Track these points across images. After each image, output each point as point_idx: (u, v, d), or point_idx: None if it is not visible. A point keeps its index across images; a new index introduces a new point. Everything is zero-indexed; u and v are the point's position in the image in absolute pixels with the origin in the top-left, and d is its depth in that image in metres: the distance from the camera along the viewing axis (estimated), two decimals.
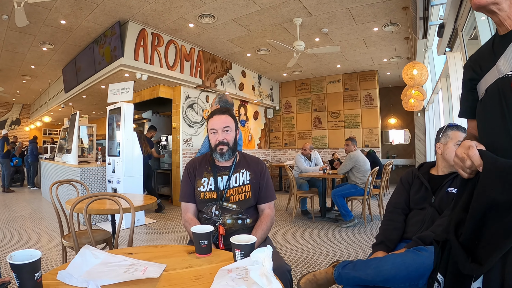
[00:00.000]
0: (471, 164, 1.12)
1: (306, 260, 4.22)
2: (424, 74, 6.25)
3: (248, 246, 1.43)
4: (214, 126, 2.21)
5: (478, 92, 1.31)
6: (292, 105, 12.38)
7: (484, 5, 1.18)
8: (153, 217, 6.94)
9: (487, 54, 1.27)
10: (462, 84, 1.42)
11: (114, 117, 6.62)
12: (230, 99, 4.13)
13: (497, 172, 1.05)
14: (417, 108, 7.92)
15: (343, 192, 6.07)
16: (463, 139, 1.36)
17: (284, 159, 12.50)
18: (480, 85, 1.28)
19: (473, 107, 1.35)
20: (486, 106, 1.24)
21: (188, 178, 2.28)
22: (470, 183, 1.16)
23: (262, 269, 1.23)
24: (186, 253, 1.67)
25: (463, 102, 1.43)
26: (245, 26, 6.94)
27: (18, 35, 7.19)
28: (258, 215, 2.28)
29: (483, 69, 1.26)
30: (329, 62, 9.87)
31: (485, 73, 1.25)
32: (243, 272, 1.28)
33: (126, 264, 1.44)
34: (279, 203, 8.42)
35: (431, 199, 2.25)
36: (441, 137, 2.33)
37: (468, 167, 1.13)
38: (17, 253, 1.20)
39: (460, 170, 1.18)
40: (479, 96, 1.30)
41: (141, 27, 6.82)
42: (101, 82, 7.99)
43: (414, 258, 1.80)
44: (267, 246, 1.34)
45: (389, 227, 2.31)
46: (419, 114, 11.66)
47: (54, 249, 4.65)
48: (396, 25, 6.88)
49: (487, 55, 1.27)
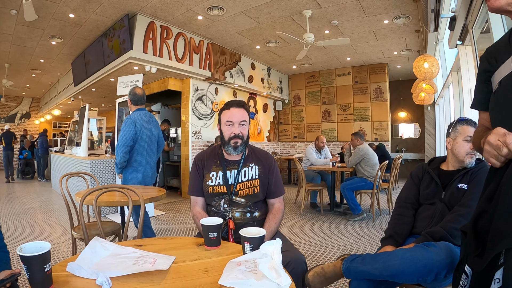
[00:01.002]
0: (507, 152, 1.06)
1: (314, 253, 4.21)
2: (435, 67, 6.17)
3: (258, 239, 1.43)
4: (231, 119, 2.17)
5: (492, 84, 1.30)
6: (302, 97, 12.32)
7: (499, 7, 1.17)
8: (162, 209, 6.98)
9: (503, 46, 1.25)
10: (477, 75, 1.41)
11: (123, 109, 6.64)
12: (140, 90, 4.18)
13: None
14: (427, 102, 7.83)
15: (352, 186, 6.04)
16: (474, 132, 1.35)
17: (293, 151, 12.49)
18: (495, 77, 1.26)
19: (486, 98, 1.33)
20: (499, 98, 1.23)
21: (196, 172, 2.27)
22: (499, 173, 1.13)
23: (271, 262, 1.23)
24: (195, 245, 1.67)
25: (477, 93, 1.42)
26: (254, 18, 6.90)
27: (27, 29, 7.22)
28: (266, 208, 2.27)
29: (498, 61, 1.25)
30: (339, 55, 9.79)
31: (500, 65, 1.23)
32: (252, 265, 1.28)
33: (135, 256, 1.45)
34: (288, 195, 8.42)
35: (441, 195, 2.23)
36: (451, 132, 2.30)
37: (504, 155, 1.08)
38: (27, 245, 1.21)
39: (492, 159, 1.12)
40: (493, 88, 1.28)
41: (149, 19, 6.81)
42: (110, 75, 8.01)
43: (423, 253, 1.78)
44: (276, 239, 1.34)
45: (398, 222, 2.29)
46: (429, 108, 11.53)
47: (64, 240, 4.70)
48: (406, 18, 6.79)
49: (503, 48, 1.25)
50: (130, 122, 3.98)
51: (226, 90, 9.70)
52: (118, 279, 1.24)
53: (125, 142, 3.91)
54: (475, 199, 2.02)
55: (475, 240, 1.15)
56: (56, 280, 1.22)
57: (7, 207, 7.11)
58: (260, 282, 1.14)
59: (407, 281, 1.83)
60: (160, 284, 1.22)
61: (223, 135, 2.21)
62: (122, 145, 3.90)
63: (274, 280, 1.14)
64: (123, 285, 1.21)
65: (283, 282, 1.14)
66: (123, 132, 3.93)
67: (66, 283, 1.22)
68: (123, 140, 3.90)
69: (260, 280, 1.15)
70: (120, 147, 3.89)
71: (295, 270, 1.80)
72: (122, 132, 3.93)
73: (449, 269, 1.73)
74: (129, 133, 3.94)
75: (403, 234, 2.23)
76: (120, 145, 3.90)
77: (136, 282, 1.23)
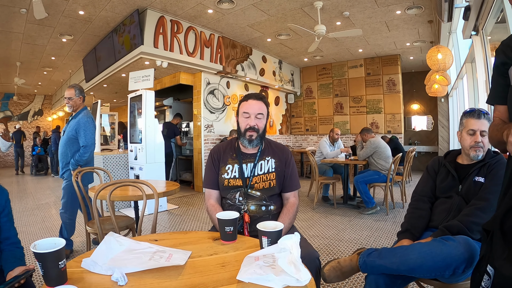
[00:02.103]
0: None
1: (328, 247, 4.19)
2: (448, 58, 6.06)
3: (275, 233, 1.40)
4: (248, 110, 2.17)
5: (510, 77, 1.26)
6: (314, 90, 12.23)
7: None
8: (176, 203, 7.00)
9: None
10: (493, 68, 1.38)
11: (135, 104, 6.66)
12: (80, 86, 4.13)
13: None
14: (440, 93, 7.71)
15: (366, 179, 5.98)
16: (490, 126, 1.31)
17: (305, 144, 12.43)
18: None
19: (504, 92, 1.30)
20: None
21: (212, 165, 2.26)
22: None
23: (289, 256, 1.20)
24: (211, 239, 1.65)
25: (494, 87, 1.38)
26: (265, 11, 6.84)
27: (37, 27, 7.26)
28: (281, 202, 2.25)
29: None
30: (351, 47, 9.68)
31: None
32: (270, 260, 1.25)
33: (151, 251, 1.44)
34: (301, 189, 8.32)
35: (458, 188, 2.20)
36: (460, 125, 2.27)
37: None
38: (41, 241, 1.20)
39: None
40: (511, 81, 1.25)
41: (159, 14, 6.79)
42: (121, 71, 8.03)
43: (441, 248, 1.76)
44: (294, 233, 1.31)
45: (415, 215, 2.26)
46: (443, 100, 11.36)
47: (79, 235, 4.74)
48: (419, 8, 6.67)
49: None
50: (92, 121, 4.00)
51: (237, 84, 9.67)
52: (134, 274, 1.22)
53: (93, 141, 3.95)
54: (492, 192, 2.00)
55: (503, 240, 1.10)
56: (71, 276, 1.21)
57: (21, 203, 7.20)
58: (279, 277, 1.11)
59: (424, 276, 1.81)
60: (176, 280, 1.20)
61: (239, 126, 2.21)
62: (92, 144, 3.94)
63: (294, 275, 1.12)
64: (139, 281, 1.19)
65: (302, 277, 1.12)
66: (90, 130, 3.93)
67: (81, 279, 1.21)
68: (91, 139, 3.92)
69: (279, 275, 1.12)
70: (90, 146, 3.91)
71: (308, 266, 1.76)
72: (89, 131, 3.91)
73: (468, 264, 1.70)
74: (94, 131, 3.99)
75: (420, 227, 2.20)
76: (90, 144, 3.91)
77: (152, 278, 1.21)
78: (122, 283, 1.16)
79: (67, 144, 3.94)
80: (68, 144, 3.94)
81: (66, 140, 3.94)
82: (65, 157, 3.95)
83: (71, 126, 3.93)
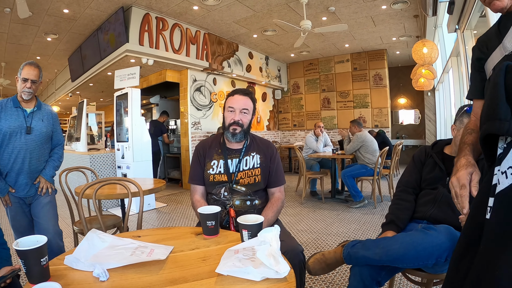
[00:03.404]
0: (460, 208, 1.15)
1: (316, 241, 4.22)
2: (434, 52, 6.13)
3: (256, 226, 1.41)
4: (233, 105, 2.19)
5: (485, 72, 1.31)
6: (301, 85, 12.25)
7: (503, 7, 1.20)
8: (164, 201, 6.99)
9: (494, 34, 1.28)
10: (471, 65, 1.44)
11: (121, 103, 6.62)
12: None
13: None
14: (427, 87, 7.79)
15: (353, 173, 6.03)
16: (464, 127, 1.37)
17: (293, 140, 12.45)
18: (488, 64, 1.27)
19: (481, 86, 1.35)
20: None
21: (197, 160, 2.27)
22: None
23: (269, 249, 1.21)
24: (194, 234, 1.66)
25: (472, 82, 1.44)
26: (250, 7, 6.83)
27: (21, 27, 7.16)
28: (267, 196, 2.27)
29: (490, 48, 1.27)
30: (337, 42, 9.71)
31: (491, 52, 1.25)
32: (250, 253, 1.26)
33: (132, 247, 1.44)
34: (289, 184, 8.43)
35: (445, 180, 2.19)
36: (457, 119, 2.27)
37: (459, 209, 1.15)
38: (24, 239, 1.21)
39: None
40: (487, 75, 1.29)
41: (145, 11, 6.74)
42: (107, 69, 7.96)
43: (423, 237, 1.78)
44: (274, 226, 1.32)
45: (400, 207, 2.27)
46: (429, 94, 11.48)
47: (66, 235, 4.70)
48: (404, 3, 6.71)
49: (494, 35, 1.27)
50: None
51: (224, 80, 9.65)
52: (116, 270, 1.23)
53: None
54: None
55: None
56: (54, 273, 1.22)
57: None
58: (258, 270, 1.12)
59: (408, 266, 1.83)
60: (157, 275, 1.21)
61: (225, 120, 2.23)
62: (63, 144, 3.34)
63: (273, 268, 1.13)
64: (121, 276, 1.20)
65: (281, 269, 1.13)
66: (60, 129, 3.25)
67: (64, 276, 1.21)
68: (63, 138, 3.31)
69: (258, 267, 1.14)
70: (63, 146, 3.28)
71: (291, 260, 1.77)
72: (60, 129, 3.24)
73: (450, 253, 1.72)
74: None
75: (404, 219, 2.21)
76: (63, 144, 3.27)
77: (133, 273, 1.22)
78: (104, 279, 1.16)
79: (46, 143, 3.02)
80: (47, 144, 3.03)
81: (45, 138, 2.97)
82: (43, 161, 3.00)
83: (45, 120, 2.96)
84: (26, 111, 2.85)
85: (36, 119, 2.89)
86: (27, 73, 2.76)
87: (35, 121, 2.89)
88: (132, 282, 1.16)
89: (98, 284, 1.15)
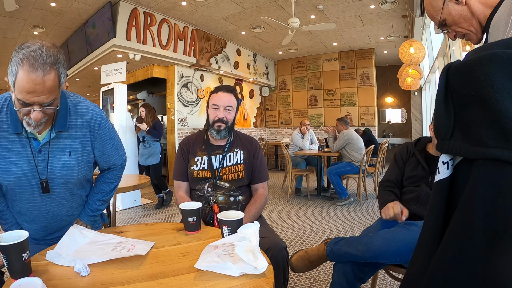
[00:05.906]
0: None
1: (301, 238, 4.25)
2: (421, 52, 6.20)
3: (236, 222, 1.43)
4: (217, 102, 2.20)
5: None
6: (288, 83, 12.28)
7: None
8: (150, 198, 6.96)
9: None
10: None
11: (107, 98, 6.57)
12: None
13: None
14: (414, 87, 7.87)
15: (339, 170, 6.08)
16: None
17: (280, 137, 12.48)
18: None
19: None
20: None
21: (181, 157, 2.28)
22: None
23: (248, 245, 1.23)
24: (176, 230, 1.67)
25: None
26: (239, 4, 6.82)
27: (8, 20, 7.03)
28: (250, 192, 2.29)
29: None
30: (325, 40, 9.75)
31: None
32: (229, 248, 1.28)
33: (114, 242, 1.44)
34: (275, 181, 8.46)
35: (428, 179, 2.21)
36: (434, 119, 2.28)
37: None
38: (5, 234, 1.21)
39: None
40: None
41: (132, 6, 6.69)
42: (94, 64, 7.87)
43: (404, 233, 1.81)
44: (254, 222, 1.34)
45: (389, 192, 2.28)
46: (416, 94, 11.58)
47: None
48: (393, 3, 6.77)
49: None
50: None
51: (211, 77, 9.62)
52: (97, 265, 1.24)
53: None
54: None
55: None
56: (36, 269, 1.22)
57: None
58: (237, 265, 1.14)
59: (390, 261, 1.85)
60: (138, 270, 1.22)
61: (209, 118, 2.25)
62: None
63: (251, 263, 1.14)
64: (101, 271, 1.21)
65: (260, 265, 1.14)
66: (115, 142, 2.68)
67: (46, 271, 1.22)
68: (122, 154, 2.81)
69: (236, 263, 1.15)
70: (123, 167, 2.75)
71: (274, 256, 1.79)
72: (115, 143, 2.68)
73: None
74: None
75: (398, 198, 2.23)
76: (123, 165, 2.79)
77: (114, 268, 1.23)
78: (85, 274, 1.17)
79: (80, 189, 2.50)
80: (82, 189, 2.49)
81: (77, 183, 2.23)
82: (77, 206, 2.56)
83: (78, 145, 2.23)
84: (37, 141, 1.56)
85: (55, 154, 1.59)
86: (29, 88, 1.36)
87: (55, 158, 1.59)
88: (112, 277, 1.17)
89: (79, 279, 1.16)
